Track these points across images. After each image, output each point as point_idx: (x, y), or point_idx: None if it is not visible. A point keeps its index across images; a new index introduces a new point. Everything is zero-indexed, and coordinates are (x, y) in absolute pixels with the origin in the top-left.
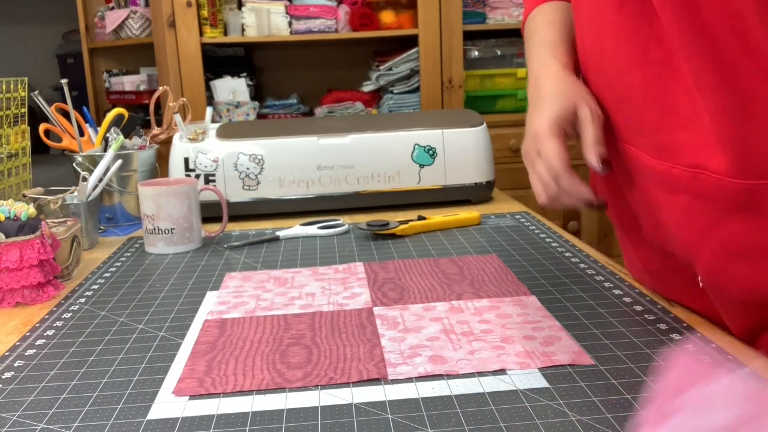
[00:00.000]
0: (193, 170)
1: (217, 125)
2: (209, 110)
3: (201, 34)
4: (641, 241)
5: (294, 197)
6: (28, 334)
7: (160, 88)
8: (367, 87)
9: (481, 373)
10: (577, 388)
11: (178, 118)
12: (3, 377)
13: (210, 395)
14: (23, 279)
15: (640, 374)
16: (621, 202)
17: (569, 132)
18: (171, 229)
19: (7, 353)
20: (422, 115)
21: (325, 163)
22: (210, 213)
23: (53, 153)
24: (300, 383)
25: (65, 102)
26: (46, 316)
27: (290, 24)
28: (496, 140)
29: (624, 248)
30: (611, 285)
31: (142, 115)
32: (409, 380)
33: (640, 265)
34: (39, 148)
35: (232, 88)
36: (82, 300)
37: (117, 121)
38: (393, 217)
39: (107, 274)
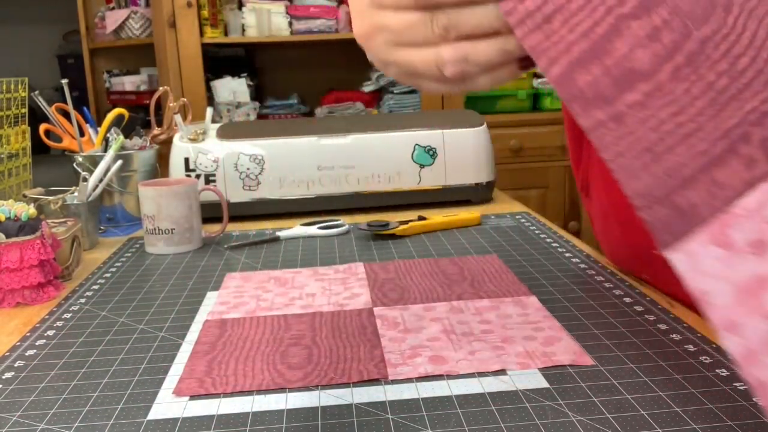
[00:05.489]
0: (194, 170)
1: (217, 125)
2: (209, 110)
3: (201, 34)
4: (633, 222)
5: (294, 197)
6: (28, 334)
7: (161, 88)
8: (367, 87)
9: (481, 374)
10: (577, 388)
11: (178, 118)
12: (3, 377)
13: (210, 395)
14: (23, 279)
15: (640, 374)
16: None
17: None
18: (171, 229)
19: (8, 353)
20: (422, 115)
21: (325, 164)
22: (210, 213)
23: (54, 153)
24: (300, 383)
25: (65, 102)
26: (47, 317)
27: (290, 24)
28: (496, 140)
29: (606, 234)
30: (611, 285)
31: (142, 115)
32: (409, 380)
33: (628, 250)
34: (39, 149)
35: (233, 89)
36: (83, 300)
37: (117, 122)
38: (393, 218)
39: (107, 275)
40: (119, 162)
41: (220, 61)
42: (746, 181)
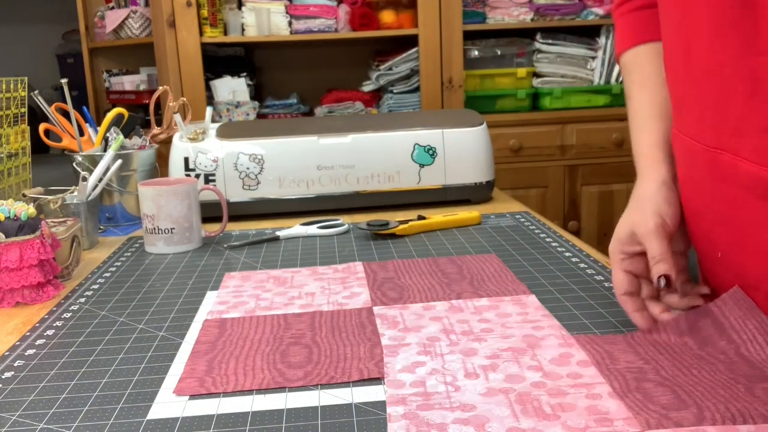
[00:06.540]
0: (193, 170)
1: (217, 125)
2: (209, 110)
3: (201, 33)
4: (714, 261)
5: (294, 197)
6: (28, 333)
7: (160, 87)
8: (367, 87)
9: None
10: None
11: (178, 117)
12: (3, 377)
13: (210, 395)
14: (23, 279)
15: None
16: (700, 211)
17: (632, 249)
18: (171, 228)
19: (7, 353)
20: (422, 114)
21: (325, 163)
22: (210, 213)
23: (53, 153)
24: (300, 382)
25: (65, 102)
26: (46, 316)
27: (290, 24)
28: (496, 140)
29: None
30: (611, 284)
31: (142, 114)
32: None
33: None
34: (39, 148)
35: (232, 88)
36: (82, 300)
37: (117, 121)
38: (393, 217)
39: (107, 274)
40: (119, 161)
41: (220, 60)
42: None
